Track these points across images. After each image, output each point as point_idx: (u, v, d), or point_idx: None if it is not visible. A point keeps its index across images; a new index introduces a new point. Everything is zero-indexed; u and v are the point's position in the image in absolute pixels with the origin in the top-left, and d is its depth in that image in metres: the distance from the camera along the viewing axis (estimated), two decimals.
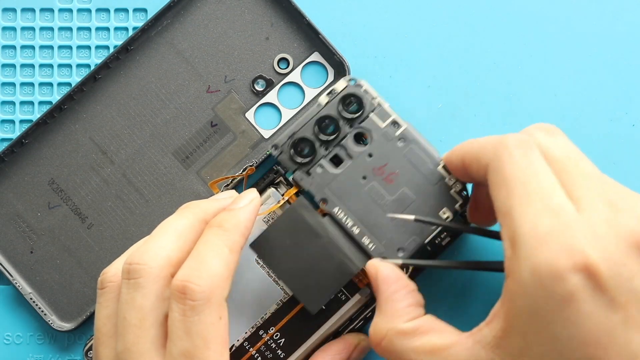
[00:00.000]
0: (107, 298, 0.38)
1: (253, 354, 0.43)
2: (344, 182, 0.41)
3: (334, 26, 0.46)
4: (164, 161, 0.45)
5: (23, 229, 0.45)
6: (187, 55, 0.45)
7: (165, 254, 0.36)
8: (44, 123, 0.45)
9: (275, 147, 0.41)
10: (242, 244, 0.38)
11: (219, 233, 0.37)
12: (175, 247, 0.37)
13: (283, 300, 0.43)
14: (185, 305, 0.35)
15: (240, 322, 0.43)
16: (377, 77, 0.46)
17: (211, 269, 0.35)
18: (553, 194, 0.32)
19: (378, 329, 0.37)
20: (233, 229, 0.37)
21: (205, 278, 0.35)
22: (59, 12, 0.46)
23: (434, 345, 0.35)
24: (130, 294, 0.36)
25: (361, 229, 0.41)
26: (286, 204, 0.44)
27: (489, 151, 0.35)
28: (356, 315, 0.43)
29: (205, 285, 0.35)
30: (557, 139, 0.35)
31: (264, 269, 0.43)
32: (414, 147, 0.40)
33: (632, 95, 0.46)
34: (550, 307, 0.31)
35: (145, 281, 0.36)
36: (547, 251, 0.31)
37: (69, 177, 0.45)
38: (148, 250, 0.36)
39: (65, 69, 0.46)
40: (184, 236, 0.37)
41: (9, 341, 0.46)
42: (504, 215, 0.33)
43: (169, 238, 0.37)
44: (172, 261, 0.36)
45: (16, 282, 0.45)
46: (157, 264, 0.36)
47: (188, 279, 0.35)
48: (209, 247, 0.37)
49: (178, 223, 0.38)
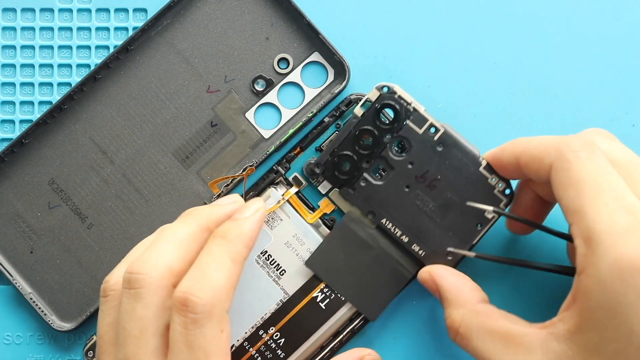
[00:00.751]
0: (109, 306, 0.37)
1: (253, 354, 0.43)
2: (388, 193, 0.42)
3: (334, 26, 0.46)
4: (164, 161, 0.45)
5: (23, 229, 0.45)
6: (187, 55, 0.45)
7: (167, 264, 0.36)
8: (44, 123, 0.45)
9: (317, 165, 0.42)
10: (245, 255, 0.37)
11: (222, 244, 0.37)
12: (177, 257, 0.36)
13: (283, 300, 0.43)
14: (187, 318, 0.34)
15: (240, 322, 0.43)
16: (377, 77, 0.46)
17: (213, 281, 0.35)
18: (625, 194, 0.33)
19: (453, 318, 0.38)
20: (236, 239, 0.37)
21: (207, 291, 0.35)
22: (59, 12, 0.46)
23: (508, 331, 0.36)
24: (130, 304, 0.35)
25: (410, 237, 0.42)
26: (286, 204, 0.44)
27: (552, 151, 0.36)
28: (355, 316, 0.43)
29: (207, 298, 0.34)
30: (616, 144, 0.37)
31: (263, 269, 0.43)
32: (454, 151, 0.41)
33: (632, 95, 0.46)
34: (629, 302, 0.32)
35: (146, 292, 0.35)
36: (628, 246, 0.32)
37: (69, 177, 0.45)
38: (149, 260, 0.36)
39: (65, 69, 0.46)
40: (185, 245, 0.37)
41: (9, 341, 0.46)
42: (575, 213, 0.34)
43: (171, 247, 0.36)
44: (173, 271, 0.36)
45: (16, 282, 0.45)
46: (158, 274, 0.35)
47: (190, 291, 0.35)
48: (212, 258, 0.36)
49: (180, 231, 0.37)
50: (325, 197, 0.44)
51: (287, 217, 0.44)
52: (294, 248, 0.43)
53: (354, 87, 0.45)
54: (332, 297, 0.43)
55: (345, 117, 0.44)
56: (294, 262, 0.43)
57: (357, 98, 0.44)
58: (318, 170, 0.42)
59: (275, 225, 0.44)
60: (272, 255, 0.43)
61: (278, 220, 0.44)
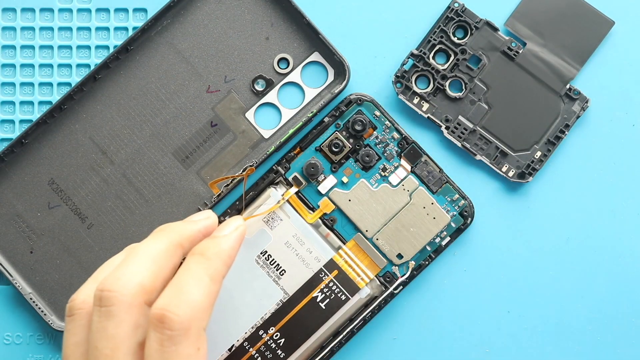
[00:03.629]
0: (75, 325, 0.36)
1: (253, 354, 0.43)
2: None
3: (334, 26, 0.46)
4: (164, 161, 0.45)
5: (23, 229, 0.45)
6: (187, 55, 0.45)
7: (139, 281, 0.35)
8: (44, 123, 0.45)
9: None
10: (224, 273, 0.37)
11: (201, 261, 0.36)
12: (149, 274, 0.35)
13: (283, 300, 0.43)
14: (163, 335, 0.33)
15: (240, 322, 0.43)
16: (377, 77, 0.46)
17: (191, 298, 0.34)
18: None
19: None
20: (215, 257, 0.36)
21: (185, 307, 0.34)
22: (59, 12, 0.46)
23: None
24: (101, 323, 0.34)
25: None
26: (286, 204, 0.44)
27: None
28: (356, 315, 0.43)
29: (184, 315, 0.34)
30: None
31: (263, 269, 0.43)
32: None
33: (632, 95, 0.46)
34: None
35: (118, 309, 0.34)
36: None
37: (69, 177, 0.45)
38: (121, 277, 0.35)
39: (65, 69, 0.46)
40: (158, 262, 0.36)
41: (9, 341, 0.46)
42: None
43: (143, 264, 0.35)
44: (145, 288, 0.35)
45: (16, 282, 0.45)
46: (130, 291, 0.34)
47: (167, 307, 0.34)
48: (190, 275, 0.35)
49: (152, 248, 0.36)
50: (325, 197, 0.44)
51: (287, 217, 0.44)
52: (294, 248, 0.43)
53: (354, 87, 0.45)
54: (332, 297, 0.43)
55: (345, 117, 0.44)
56: (294, 262, 0.43)
57: (357, 98, 0.44)
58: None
59: (275, 225, 0.44)
60: (272, 255, 0.43)
61: (278, 220, 0.44)
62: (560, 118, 0.44)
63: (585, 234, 0.45)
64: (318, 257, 0.43)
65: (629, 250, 0.45)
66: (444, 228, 0.44)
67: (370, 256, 0.44)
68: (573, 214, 0.45)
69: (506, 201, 0.45)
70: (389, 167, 0.44)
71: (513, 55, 0.45)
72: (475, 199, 0.45)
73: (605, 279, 0.45)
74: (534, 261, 0.45)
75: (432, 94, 0.45)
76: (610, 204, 0.45)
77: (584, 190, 0.45)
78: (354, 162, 0.44)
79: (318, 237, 0.44)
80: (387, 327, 0.45)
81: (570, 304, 0.45)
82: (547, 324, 0.45)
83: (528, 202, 0.45)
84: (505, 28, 0.45)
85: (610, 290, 0.45)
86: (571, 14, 0.45)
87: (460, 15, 0.44)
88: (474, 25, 0.45)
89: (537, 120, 0.45)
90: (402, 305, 0.45)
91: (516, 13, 0.45)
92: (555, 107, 0.45)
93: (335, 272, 0.43)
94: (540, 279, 0.45)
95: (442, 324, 0.45)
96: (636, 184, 0.45)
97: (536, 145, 0.45)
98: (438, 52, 0.45)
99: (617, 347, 0.45)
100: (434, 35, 0.45)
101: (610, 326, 0.45)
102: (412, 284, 0.45)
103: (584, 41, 0.45)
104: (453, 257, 0.45)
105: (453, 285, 0.45)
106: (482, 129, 0.45)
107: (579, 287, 0.45)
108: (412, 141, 0.44)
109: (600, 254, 0.45)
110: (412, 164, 0.44)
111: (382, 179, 0.44)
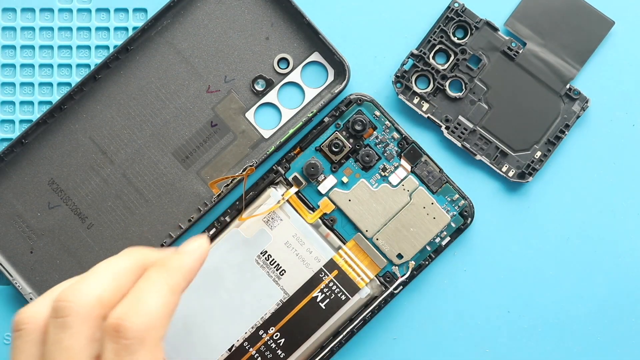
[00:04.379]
0: (23, 341, 0.35)
1: (253, 354, 0.43)
2: None
3: (334, 26, 0.46)
4: (164, 161, 0.45)
5: (23, 229, 0.45)
6: (187, 55, 0.45)
7: (97, 294, 0.34)
8: (44, 123, 0.45)
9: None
10: (184, 287, 0.36)
11: (162, 271, 0.35)
12: (108, 288, 0.34)
13: (283, 300, 0.43)
14: (119, 345, 0.33)
15: (240, 322, 0.43)
16: (377, 77, 0.46)
17: (148, 307, 0.34)
18: None
19: None
20: (176, 270, 0.36)
21: (141, 316, 0.33)
22: (59, 12, 0.46)
23: None
24: (57, 334, 0.33)
25: None
26: (286, 204, 0.44)
27: None
28: (356, 315, 0.43)
29: (140, 324, 0.33)
30: None
31: (263, 269, 0.43)
32: None
33: (632, 95, 0.46)
34: None
35: (73, 320, 0.33)
36: None
37: (69, 177, 0.45)
38: (79, 289, 0.34)
39: (65, 69, 0.46)
40: (119, 277, 0.35)
41: (9, 341, 0.46)
42: None
43: (104, 278, 0.35)
44: (103, 302, 0.34)
45: (16, 282, 0.45)
46: (86, 302, 0.33)
47: (123, 316, 0.33)
48: (149, 284, 0.35)
49: (114, 264, 0.36)
50: (325, 197, 0.44)
51: (287, 217, 0.44)
52: (294, 248, 0.43)
53: (354, 87, 0.45)
54: (332, 297, 0.43)
55: (345, 117, 0.44)
56: (294, 262, 0.43)
57: (357, 98, 0.44)
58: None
59: (275, 225, 0.44)
60: (272, 255, 0.43)
61: (278, 220, 0.44)
62: (560, 118, 0.44)
63: (585, 234, 0.45)
64: (318, 257, 0.43)
65: (629, 250, 0.45)
66: (444, 228, 0.44)
67: (370, 256, 0.44)
68: (573, 214, 0.45)
69: (506, 201, 0.45)
70: (389, 167, 0.44)
71: (513, 55, 0.45)
72: (475, 199, 0.45)
73: (605, 279, 0.45)
74: (534, 261, 0.45)
75: (432, 94, 0.45)
76: (610, 204, 0.45)
77: (584, 190, 0.45)
78: (354, 162, 0.44)
79: (318, 237, 0.44)
80: (387, 327, 0.45)
81: (570, 304, 0.45)
82: (547, 324, 0.45)
83: (528, 202, 0.45)
84: (505, 28, 0.45)
85: (610, 290, 0.45)
86: (571, 14, 0.45)
87: (460, 15, 0.44)
88: (474, 25, 0.45)
89: (537, 120, 0.45)
90: (402, 305, 0.45)
91: (516, 13, 0.45)
92: (555, 107, 0.45)
93: (335, 272, 0.43)
94: (540, 278, 0.45)
95: (442, 324, 0.45)
96: (636, 184, 0.45)
97: (536, 145, 0.45)
98: (438, 52, 0.45)
99: (617, 347, 0.45)
100: (434, 35, 0.45)
101: (610, 326, 0.45)
102: (412, 284, 0.45)
103: (584, 41, 0.45)
104: (453, 257, 0.45)
105: (453, 285, 0.45)
106: (482, 129, 0.45)
107: (579, 287, 0.45)
108: (412, 141, 0.44)
109: (600, 254, 0.45)
110: (412, 164, 0.44)
111: (382, 179, 0.44)
